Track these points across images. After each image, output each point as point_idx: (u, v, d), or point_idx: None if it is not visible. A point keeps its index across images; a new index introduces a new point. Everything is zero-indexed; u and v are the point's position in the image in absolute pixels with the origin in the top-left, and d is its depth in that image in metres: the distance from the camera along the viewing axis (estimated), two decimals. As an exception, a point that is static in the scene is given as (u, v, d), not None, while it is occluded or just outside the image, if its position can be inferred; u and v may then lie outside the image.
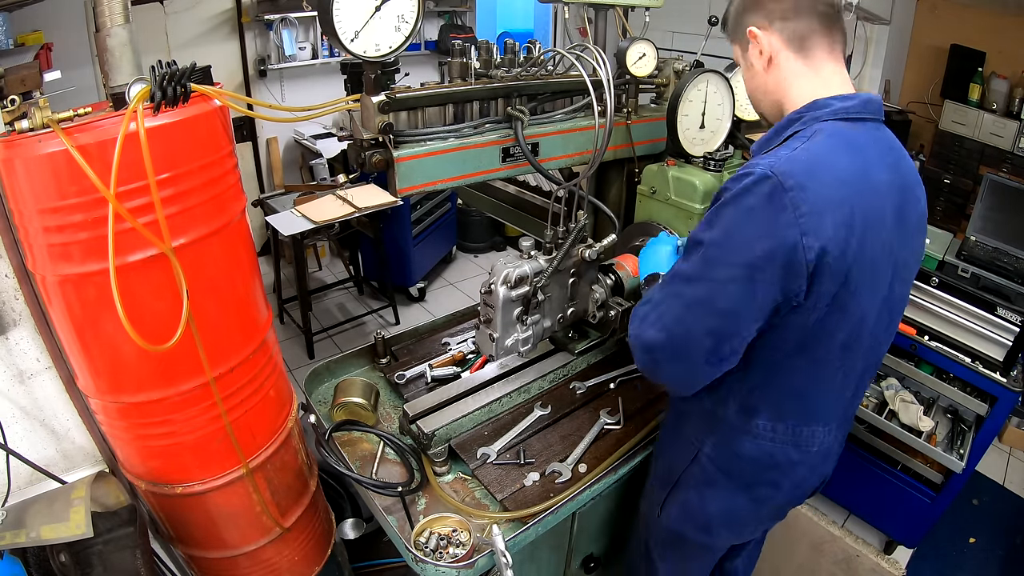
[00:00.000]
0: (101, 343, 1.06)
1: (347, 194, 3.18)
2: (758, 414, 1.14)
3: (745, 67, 1.15)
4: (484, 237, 4.94)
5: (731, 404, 1.15)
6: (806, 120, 1.03)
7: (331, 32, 1.07)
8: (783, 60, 1.07)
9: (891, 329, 1.18)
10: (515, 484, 1.35)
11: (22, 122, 0.91)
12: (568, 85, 1.51)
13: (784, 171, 0.92)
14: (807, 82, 1.06)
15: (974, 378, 2.11)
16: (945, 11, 3.80)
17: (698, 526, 1.29)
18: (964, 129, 3.70)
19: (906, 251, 1.08)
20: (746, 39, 1.10)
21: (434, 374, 1.67)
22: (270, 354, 1.29)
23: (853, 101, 1.02)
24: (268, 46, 4.23)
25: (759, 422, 1.14)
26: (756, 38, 1.08)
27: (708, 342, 1.01)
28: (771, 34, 1.06)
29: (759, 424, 1.14)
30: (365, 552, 1.96)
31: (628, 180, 1.79)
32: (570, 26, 1.81)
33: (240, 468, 1.24)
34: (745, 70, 1.16)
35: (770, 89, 1.11)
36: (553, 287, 1.43)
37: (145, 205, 0.95)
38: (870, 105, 1.04)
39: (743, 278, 0.95)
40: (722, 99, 1.64)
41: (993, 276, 2.33)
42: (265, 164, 4.57)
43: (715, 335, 1.01)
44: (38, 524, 1.02)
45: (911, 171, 1.10)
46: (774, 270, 0.93)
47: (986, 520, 2.68)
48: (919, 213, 1.12)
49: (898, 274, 1.08)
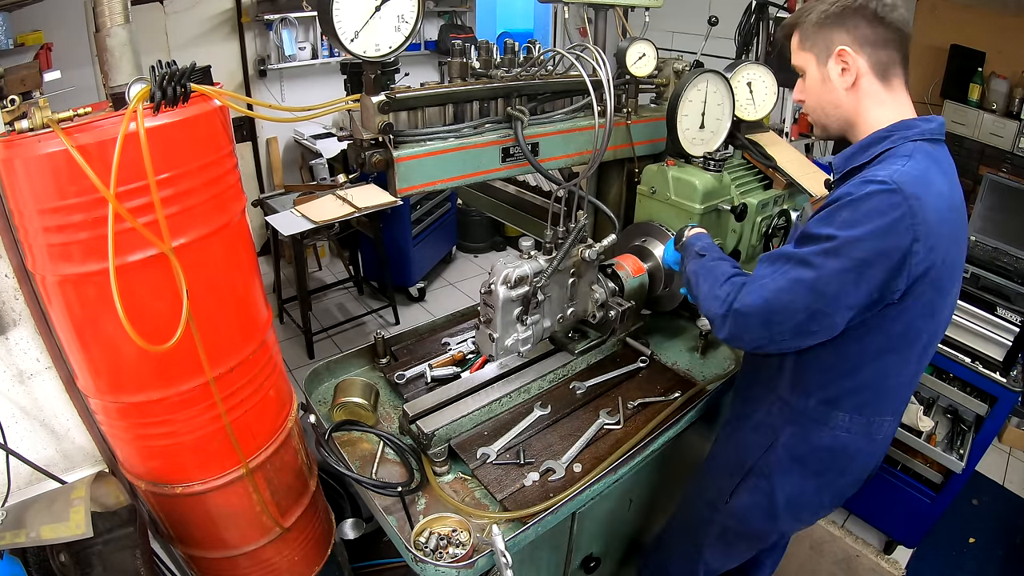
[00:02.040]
0: (101, 343, 1.06)
1: (347, 194, 3.19)
2: (839, 407, 1.21)
3: (818, 78, 1.18)
4: (484, 237, 4.94)
5: (813, 397, 1.23)
6: (895, 139, 1.10)
7: (331, 32, 1.07)
8: (866, 84, 1.13)
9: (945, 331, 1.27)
10: (515, 484, 1.35)
11: (22, 122, 0.91)
12: (568, 85, 1.51)
13: (904, 181, 1.01)
14: (885, 108, 1.14)
15: (974, 378, 2.12)
16: (945, 11, 3.80)
17: (766, 514, 1.35)
18: (964, 129, 3.70)
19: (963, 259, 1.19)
20: (827, 52, 1.14)
21: (434, 374, 1.66)
22: (270, 354, 1.29)
23: (933, 124, 1.11)
24: (268, 46, 4.23)
25: (839, 414, 1.22)
26: (847, 58, 1.12)
27: (801, 316, 1.09)
28: (860, 57, 1.12)
29: (838, 416, 1.22)
30: (365, 552, 1.96)
31: (628, 180, 1.80)
32: (570, 26, 1.81)
33: (240, 468, 1.24)
34: (815, 80, 1.19)
35: (844, 106, 1.16)
36: (553, 287, 1.43)
37: (145, 205, 0.95)
38: (943, 127, 1.14)
39: (852, 271, 1.03)
40: (722, 99, 1.64)
41: (993, 276, 2.33)
42: (265, 164, 4.57)
43: (809, 312, 1.08)
44: (38, 524, 1.02)
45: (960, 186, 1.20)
46: (883, 269, 1.02)
47: (986, 520, 2.68)
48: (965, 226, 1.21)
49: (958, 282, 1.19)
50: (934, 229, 1.01)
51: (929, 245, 1.01)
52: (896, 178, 1.01)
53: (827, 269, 1.05)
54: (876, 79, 1.13)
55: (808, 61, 1.19)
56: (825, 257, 1.05)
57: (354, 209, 3.07)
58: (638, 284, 1.59)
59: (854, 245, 1.03)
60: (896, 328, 1.10)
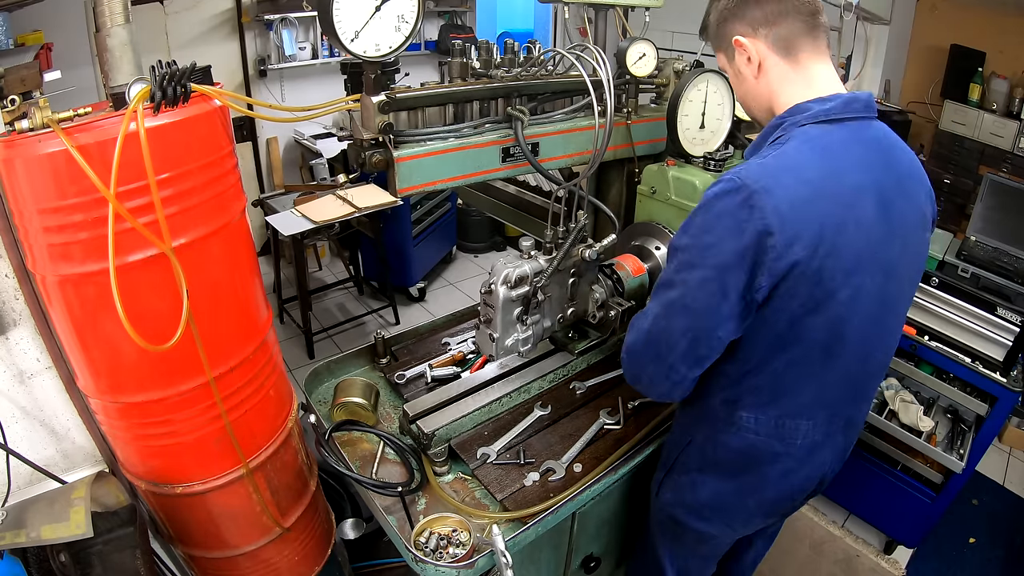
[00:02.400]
0: (101, 343, 1.06)
1: (347, 194, 3.18)
2: (741, 406, 1.17)
3: (733, 75, 1.17)
4: (484, 237, 4.94)
5: (716, 396, 1.20)
6: (786, 126, 1.06)
7: (331, 32, 1.07)
8: (771, 65, 1.09)
9: (890, 328, 1.19)
10: (515, 484, 1.35)
11: (22, 122, 0.91)
12: (568, 85, 1.51)
13: (751, 177, 0.97)
14: (794, 85, 1.08)
15: (974, 378, 2.12)
16: (945, 11, 3.80)
17: (690, 510, 1.33)
18: (964, 129, 3.70)
19: (897, 248, 1.08)
20: (731, 48, 1.12)
21: (434, 374, 1.67)
22: (270, 354, 1.29)
23: (832, 103, 1.04)
24: (268, 46, 4.22)
25: (742, 414, 1.17)
26: (743, 46, 1.09)
27: (684, 342, 1.06)
28: (757, 41, 1.08)
29: (742, 416, 1.17)
30: (365, 552, 1.96)
31: (628, 180, 1.79)
32: (570, 26, 1.81)
33: (240, 468, 1.24)
34: (733, 78, 1.18)
35: (761, 94, 1.13)
36: (553, 287, 1.43)
37: (145, 205, 0.95)
38: (853, 104, 1.05)
39: (715, 279, 1.00)
40: (722, 99, 1.64)
41: (993, 276, 2.34)
42: (265, 164, 4.57)
43: (690, 334, 1.05)
44: (38, 524, 1.02)
45: (907, 166, 1.11)
46: (743, 269, 0.98)
47: (986, 520, 2.68)
48: (916, 209, 1.12)
49: (891, 274, 1.09)
50: (793, 220, 0.95)
51: (788, 238, 0.94)
52: (742, 174, 0.98)
53: (690, 283, 1.02)
54: (780, 58, 1.08)
55: (723, 62, 1.18)
56: (687, 271, 1.03)
57: (354, 209, 3.07)
58: (638, 284, 1.59)
59: (708, 252, 1.00)
60: (778, 327, 1.04)
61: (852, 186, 1.01)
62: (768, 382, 1.13)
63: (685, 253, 1.04)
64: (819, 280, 0.99)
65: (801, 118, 1.04)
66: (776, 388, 1.13)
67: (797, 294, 0.99)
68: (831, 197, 0.99)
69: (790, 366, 1.10)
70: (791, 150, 1.01)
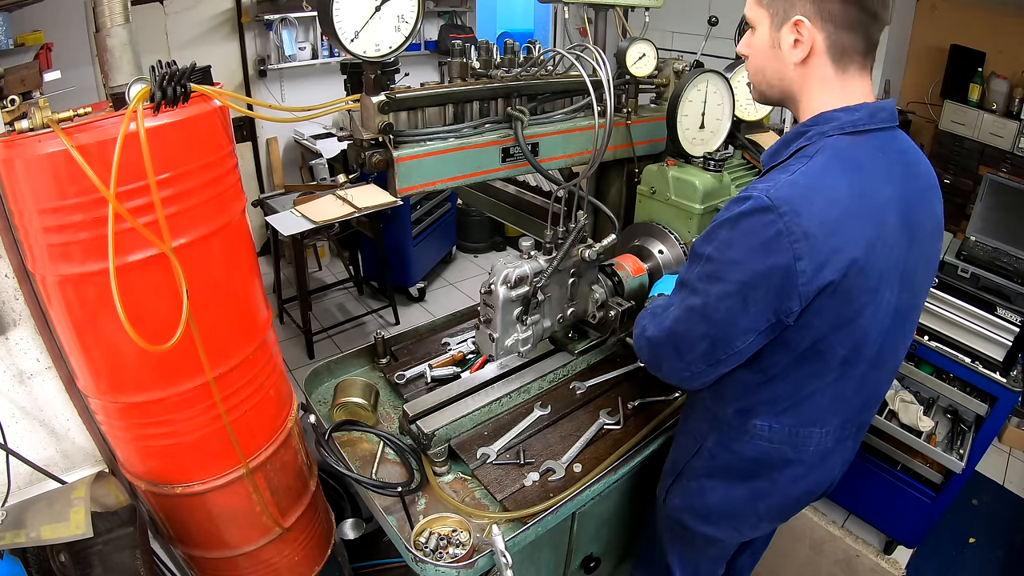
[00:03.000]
0: (101, 343, 1.06)
1: (347, 194, 3.18)
2: (755, 415, 1.16)
3: (767, 42, 1.05)
4: (484, 237, 4.94)
5: (730, 405, 1.19)
6: (811, 135, 1.02)
7: (331, 32, 1.07)
8: (817, 63, 1.01)
9: (904, 336, 1.18)
10: (515, 484, 1.35)
11: (22, 122, 0.91)
12: (568, 85, 1.51)
13: (780, 197, 0.93)
14: (829, 92, 1.03)
15: (974, 378, 2.12)
16: (945, 11, 3.80)
17: (698, 515, 1.33)
18: (964, 129, 3.70)
19: (914, 258, 1.07)
20: (784, 17, 1.01)
21: (434, 374, 1.67)
22: (270, 354, 1.29)
23: (859, 113, 1.00)
24: (268, 46, 4.23)
25: (756, 423, 1.17)
26: (802, 28, 0.99)
27: (703, 345, 1.07)
28: (818, 33, 0.99)
29: (756, 424, 1.17)
30: (365, 552, 1.96)
31: (628, 180, 1.79)
32: (570, 26, 1.81)
33: (240, 468, 1.24)
34: (763, 43, 1.06)
35: (789, 79, 1.05)
36: (553, 287, 1.43)
37: (145, 205, 0.95)
38: (879, 115, 1.02)
39: (736, 294, 0.99)
40: (722, 99, 1.64)
41: (993, 276, 2.33)
42: (265, 164, 4.57)
43: (709, 340, 1.06)
44: (38, 524, 1.02)
45: (925, 176, 1.09)
46: (767, 291, 0.96)
47: (986, 520, 2.68)
48: (933, 218, 1.11)
49: (906, 283, 1.07)
50: (823, 244, 0.92)
51: (818, 263, 0.93)
52: (772, 193, 0.93)
53: (712, 295, 1.01)
54: (830, 61, 1.00)
55: (762, 19, 1.05)
56: (709, 282, 1.02)
57: (354, 209, 3.07)
58: (638, 284, 1.59)
59: (732, 267, 0.98)
60: (803, 344, 1.03)
61: (880, 203, 0.99)
62: (786, 392, 1.12)
63: (709, 264, 1.02)
64: (847, 300, 0.98)
65: (828, 128, 1.00)
66: (793, 398, 1.13)
67: (825, 314, 0.98)
68: (862, 216, 0.96)
69: (810, 378, 1.10)
70: (819, 167, 0.97)
